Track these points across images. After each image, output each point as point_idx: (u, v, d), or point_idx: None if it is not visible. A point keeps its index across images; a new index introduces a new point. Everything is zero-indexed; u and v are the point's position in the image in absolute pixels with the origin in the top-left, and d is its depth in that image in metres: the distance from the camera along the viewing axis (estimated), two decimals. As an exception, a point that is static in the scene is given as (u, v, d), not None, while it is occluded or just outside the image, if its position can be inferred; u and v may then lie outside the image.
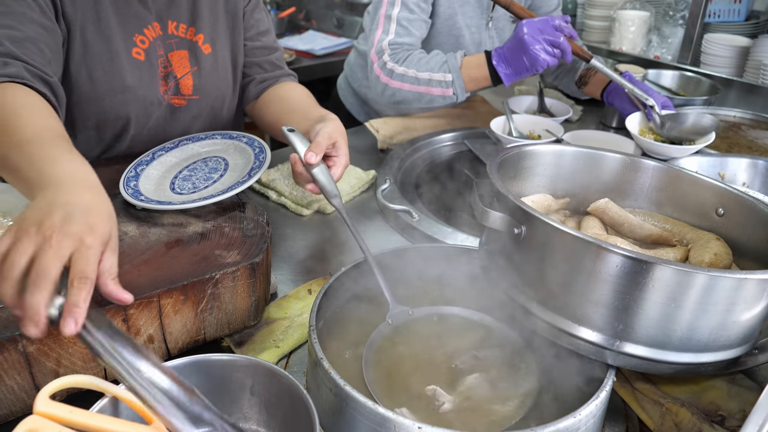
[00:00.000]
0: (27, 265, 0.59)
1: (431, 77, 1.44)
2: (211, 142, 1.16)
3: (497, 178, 0.80)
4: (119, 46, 1.09)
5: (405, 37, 1.50)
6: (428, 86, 1.45)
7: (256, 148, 1.10)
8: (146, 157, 1.10)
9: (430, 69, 1.44)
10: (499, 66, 1.39)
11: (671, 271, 0.64)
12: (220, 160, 1.11)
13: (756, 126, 1.65)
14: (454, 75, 1.42)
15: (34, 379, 0.70)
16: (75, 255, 0.60)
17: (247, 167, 1.05)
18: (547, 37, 1.32)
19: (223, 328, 0.84)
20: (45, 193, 0.66)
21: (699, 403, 0.76)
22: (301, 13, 3.53)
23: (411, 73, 1.45)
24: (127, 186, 0.99)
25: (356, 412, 0.65)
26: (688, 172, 0.93)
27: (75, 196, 0.66)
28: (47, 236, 0.60)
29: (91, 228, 0.63)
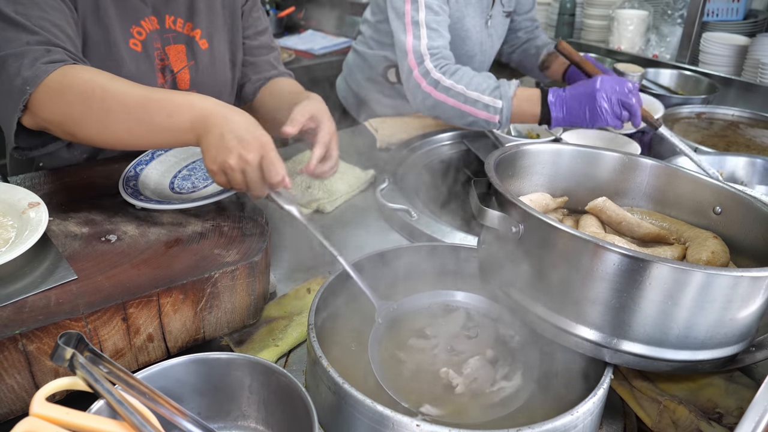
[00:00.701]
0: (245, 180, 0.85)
1: (479, 99, 1.38)
2: None
3: (495, 177, 0.80)
4: (117, 35, 1.10)
5: (438, 39, 1.45)
6: (474, 107, 1.39)
7: None
8: (145, 157, 1.10)
9: (480, 90, 1.38)
10: (555, 108, 1.33)
11: (668, 269, 0.64)
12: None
13: (754, 125, 1.65)
14: (504, 103, 1.37)
15: (34, 378, 0.70)
16: (263, 163, 0.84)
17: None
18: (621, 98, 1.27)
19: (223, 327, 0.84)
20: (209, 133, 0.84)
21: (697, 401, 0.76)
22: (300, 13, 3.53)
23: (459, 89, 1.39)
24: (126, 185, 0.99)
25: (355, 410, 0.65)
26: (686, 170, 0.93)
27: (232, 123, 0.84)
28: (245, 160, 0.83)
29: (259, 138, 0.84)
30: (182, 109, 0.86)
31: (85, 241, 0.85)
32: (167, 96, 0.87)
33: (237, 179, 0.85)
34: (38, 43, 0.92)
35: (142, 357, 0.78)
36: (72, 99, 0.88)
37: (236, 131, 0.83)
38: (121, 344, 0.75)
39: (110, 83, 0.88)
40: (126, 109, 0.86)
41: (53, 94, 0.89)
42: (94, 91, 0.87)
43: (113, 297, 0.73)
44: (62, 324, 0.69)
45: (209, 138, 0.84)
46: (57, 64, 0.90)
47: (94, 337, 0.72)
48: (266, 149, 0.84)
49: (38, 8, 0.96)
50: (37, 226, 0.82)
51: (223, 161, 0.83)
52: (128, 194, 0.96)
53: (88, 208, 0.93)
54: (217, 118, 0.84)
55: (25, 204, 0.87)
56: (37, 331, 0.68)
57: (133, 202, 0.94)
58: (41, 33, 0.93)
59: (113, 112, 0.86)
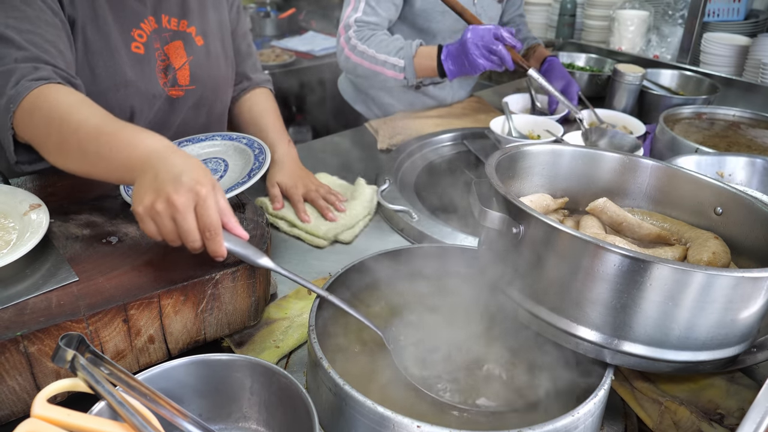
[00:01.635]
0: (176, 228, 0.75)
1: (386, 60, 1.59)
2: (210, 143, 1.16)
3: (496, 178, 0.80)
4: (118, 41, 1.10)
5: (371, 16, 1.63)
6: (383, 67, 1.60)
7: (256, 149, 1.10)
8: None
9: (387, 52, 1.58)
10: (446, 62, 1.52)
11: (669, 270, 0.64)
12: (220, 161, 1.11)
13: (755, 125, 1.65)
14: (406, 62, 1.57)
15: (36, 379, 0.70)
16: (198, 210, 0.74)
17: (246, 168, 1.05)
18: (487, 45, 1.46)
19: (223, 329, 0.84)
20: (145, 173, 0.77)
21: (698, 402, 0.76)
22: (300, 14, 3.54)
23: (370, 52, 1.60)
24: (127, 188, 0.99)
25: (356, 412, 0.65)
26: (687, 171, 0.93)
27: (169, 164, 0.76)
28: (173, 204, 0.73)
29: (197, 182, 0.74)
30: (126, 145, 0.80)
31: (86, 243, 0.85)
32: (119, 130, 0.82)
33: (166, 227, 0.75)
34: (26, 60, 0.92)
35: (143, 358, 0.78)
36: (37, 122, 0.88)
37: (170, 172, 0.74)
38: (122, 346, 0.75)
39: (72, 111, 0.86)
40: (78, 140, 0.83)
41: (25, 116, 0.89)
42: (53, 119, 0.86)
43: (114, 298, 0.73)
44: (63, 325, 0.69)
45: (142, 179, 0.76)
46: (40, 82, 0.89)
47: (95, 339, 0.72)
48: (201, 192, 0.73)
49: (29, 23, 0.96)
50: (38, 227, 0.82)
51: (150, 205, 0.74)
52: (129, 196, 0.96)
53: (89, 210, 0.93)
54: (156, 159, 0.77)
55: (27, 206, 0.87)
56: (38, 333, 0.68)
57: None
58: (30, 49, 0.93)
59: (67, 141, 0.84)
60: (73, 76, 0.98)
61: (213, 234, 0.75)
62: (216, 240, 0.75)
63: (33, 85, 0.89)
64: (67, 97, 0.89)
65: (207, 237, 0.75)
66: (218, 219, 0.75)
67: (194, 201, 0.74)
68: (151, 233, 0.77)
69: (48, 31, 0.98)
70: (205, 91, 1.28)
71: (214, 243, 0.75)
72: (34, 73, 0.90)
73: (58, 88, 0.90)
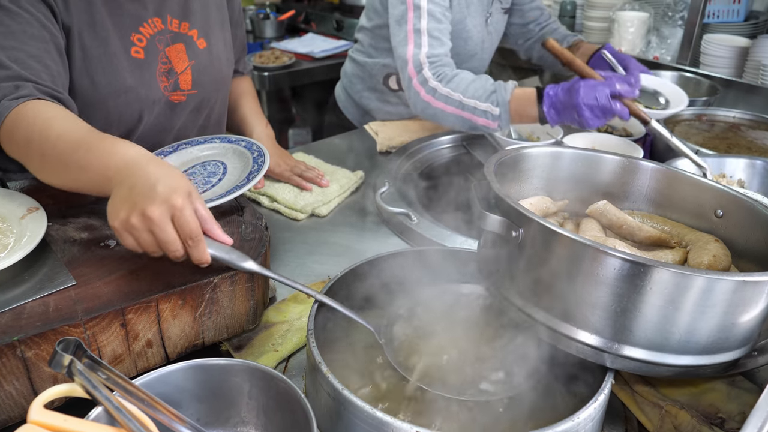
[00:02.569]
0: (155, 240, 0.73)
1: (477, 106, 1.38)
2: (209, 146, 1.16)
3: (495, 181, 0.80)
4: (117, 47, 1.09)
5: (439, 48, 1.45)
6: (473, 114, 1.39)
7: (255, 152, 1.10)
8: None
9: (477, 97, 1.38)
10: (550, 112, 1.34)
11: (669, 274, 0.64)
12: (219, 164, 1.11)
13: (756, 126, 1.64)
14: (501, 110, 1.37)
15: (33, 384, 0.70)
16: (175, 220, 0.72)
17: (245, 171, 1.05)
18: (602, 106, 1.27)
19: (222, 333, 0.84)
20: (121, 185, 0.75)
21: (698, 406, 0.76)
22: (300, 16, 3.53)
23: (456, 96, 1.39)
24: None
25: (354, 417, 0.65)
26: (687, 173, 0.92)
27: (144, 175, 0.74)
28: (148, 217, 0.71)
29: (173, 191, 0.72)
30: (103, 155, 0.79)
31: (84, 247, 0.85)
32: (97, 141, 0.82)
33: (145, 240, 0.73)
34: (8, 79, 0.91)
35: (141, 363, 0.77)
36: (18, 141, 0.88)
37: (145, 184, 0.73)
38: (120, 350, 0.75)
39: (51, 125, 0.85)
40: (57, 153, 0.83)
41: (7, 135, 0.88)
42: (33, 135, 0.85)
43: (112, 303, 0.73)
44: (61, 330, 0.69)
45: (118, 190, 0.75)
46: (20, 100, 0.88)
47: (93, 343, 0.72)
48: (176, 202, 0.72)
49: (14, 38, 0.95)
50: (36, 231, 0.82)
51: (125, 219, 0.73)
52: None
53: (87, 213, 0.93)
54: (132, 169, 0.75)
55: (24, 209, 0.87)
56: (35, 338, 0.68)
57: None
58: (12, 67, 0.92)
59: (47, 156, 0.84)
60: (58, 91, 0.96)
61: (195, 242, 0.74)
62: (198, 248, 0.74)
63: (13, 105, 0.88)
64: (45, 113, 0.87)
65: (189, 245, 0.74)
66: (198, 226, 0.74)
67: (170, 212, 0.72)
68: (131, 246, 0.75)
69: (33, 45, 0.96)
70: (206, 95, 1.27)
71: (197, 251, 0.74)
72: (15, 92, 0.89)
73: (38, 103, 0.89)
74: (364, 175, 1.42)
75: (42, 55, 0.97)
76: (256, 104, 1.44)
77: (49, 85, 0.95)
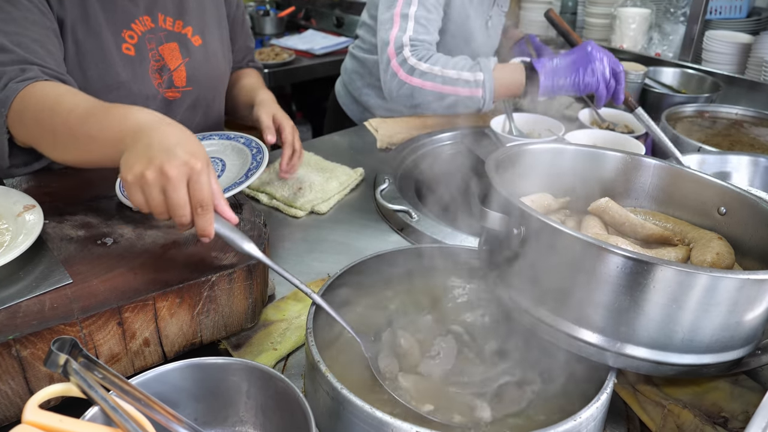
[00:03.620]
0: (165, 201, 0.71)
1: (459, 76, 1.37)
2: (208, 143, 1.15)
3: (496, 178, 0.79)
4: (109, 42, 1.09)
5: (424, 34, 1.44)
6: (455, 86, 1.38)
7: (254, 149, 1.09)
8: None
9: (459, 68, 1.38)
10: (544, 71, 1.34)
11: (673, 272, 0.63)
12: (218, 161, 1.10)
13: (758, 123, 1.63)
14: (486, 75, 1.35)
15: (29, 383, 0.69)
16: (191, 184, 0.71)
17: (244, 168, 1.04)
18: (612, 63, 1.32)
19: (220, 331, 0.83)
20: (137, 143, 0.73)
21: (701, 405, 0.75)
22: (300, 13, 3.52)
23: (437, 70, 1.37)
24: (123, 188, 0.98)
25: (353, 416, 0.64)
26: (690, 170, 0.92)
27: (162, 134, 0.72)
28: (165, 174, 0.69)
29: (192, 155, 0.71)
30: (116, 120, 0.78)
31: (80, 245, 0.84)
32: (108, 108, 0.81)
33: (155, 198, 0.71)
34: (13, 63, 0.92)
35: (138, 362, 0.77)
36: (28, 121, 0.88)
37: (164, 143, 0.71)
38: (117, 349, 0.74)
39: (60, 101, 0.85)
40: (69, 127, 0.82)
41: (17, 117, 0.89)
42: (43, 112, 0.85)
43: (108, 301, 0.72)
44: (56, 329, 0.68)
45: (133, 147, 0.73)
46: (26, 82, 0.89)
47: (90, 342, 0.71)
48: (196, 166, 0.71)
49: (16, 24, 0.96)
50: (33, 229, 0.81)
51: (140, 173, 0.70)
52: (124, 197, 0.95)
53: (84, 211, 0.92)
54: (148, 129, 0.74)
55: (21, 207, 0.86)
56: (31, 337, 0.67)
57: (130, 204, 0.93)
58: (17, 51, 0.93)
59: (59, 132, 0.84)
60: (63, 74, 0.97)
61: (204, 210, 0.72)
62: (206, 217, 0.72)
63: (20, 87, 0.88)
64: (54, 90, 0.88)
65: (198, 213, 0.72)
66: (211, 195, 0.72)
67: (187, 174, 0.70)
68: (139, 203, 0.73)
69: (35, 30, 0.97)
70: (202, 92, 1.27)
71: (204, 220, 0.72)
72: (22, 75, 0.90)
73: (45, 84, 0.90)
74: (364, 172, 1.41)
75: (44, 40, 0.98)
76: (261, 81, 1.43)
77: (54, 68, 0.96)
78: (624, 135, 1.49)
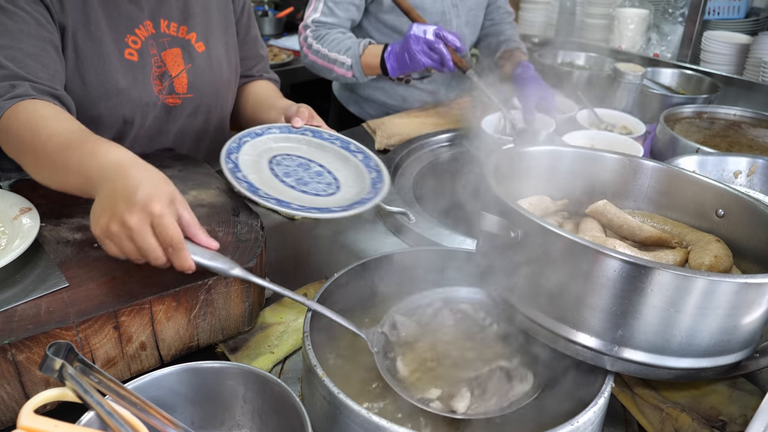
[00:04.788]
0: (135, 247, 0.72)
1: (336, 58, 1.66)
2: (284, 137, 1.14)
3: (493, 180, 0.79)
4: (110, 48, 1.08)
5: (329, 17, 1.68)
6: (333, 65, 1.67)
7: (358, 153, 1.11)
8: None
9: (338, 50, 1.65)
10: (389, 59, 1.58)
11: (671, 276, 0.63)
12: (326, 173, 1.09)
13: (756, 124, 1.63)
14: (353, 60, 1.63)
15: (24, 388, 0.69)
16: (154, 228, 0.71)
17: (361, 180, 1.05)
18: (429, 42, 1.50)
19: (217, 334, 0.83)
20: (101, 188, 0.74)
21: (699, 408, 0.75)
22: (299, 13, 3.51)
23: (323, 51, 1.67)
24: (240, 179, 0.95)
25: (350, 421, 0.64)
26: (688, 172, 0.91)
27: (126, 179, 0.73)
28: (126, 225, 0.70)
29: (152, 197, 0.71)
30: (88, 156, 0.78)
31: (77, 248, 0.84)
32: (85, 142, 0.81)
33: (126, 247, 0.72)
34: (4, 78, 0.91)
35: (135, 365, 0.76)
36: (12, 141, 0.88)
37: (125, 189, 0.71)
38: (113, 353, 0.74)
39: (44, 125, 0.85)
40: (47, 153, 0.83)
41: (3, 134, 0.89)
42: (25, 134, 0.86)
43: (105, 305, 0.72)
44: (52, 333, 0.68)
45: (99, 194, 0.75)
46: (15, 100, 0.88)
47: (86, 346, 0.71)
48: (155, 210, 0.70)
49: (10, 37, 0.95)
50: (29, 232, 0.81)
51: (105, 226, 0.72)
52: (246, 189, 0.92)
53: (81, 214, 0.92)
54: (114, 172, 0.74)
55: (17, 210, 0.86)
56: (26, 341, 0.67)
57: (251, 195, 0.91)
58: (8, 66, 0.92)
59: (39, 156, 0.84)
60: (56, 88, 0.96)
61: (176, 249, 0.72)
62: (180, 255, 0.72)
63: (7, 105, 0.88)
64: (38, 112, 0.87)
65: (170, 252, 0.72)
66: (178, 234, 0.72)
67: (149, 219, 0.71)
68: (113, 253, 0.74)
69: (30, 44, 0.96)
70: (204, 99, 1.26)
71: (179, 258, 0.73)
72: (11, 92, 0.90)
73: (32, 103, 0.89)
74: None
75: (39, 53, 0.97)
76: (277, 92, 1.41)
77: (47, 84, 0.95)
78: (622, 136, 1.49)
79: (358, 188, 1.05)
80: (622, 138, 1.47)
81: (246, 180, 0.95)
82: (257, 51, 1.42)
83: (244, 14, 1.36)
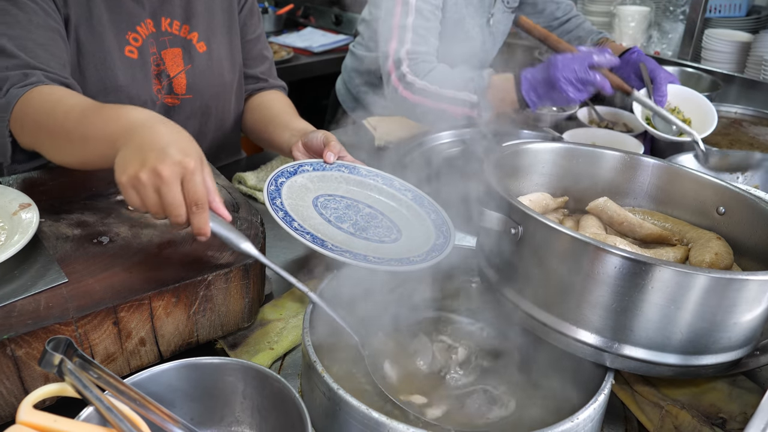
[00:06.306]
0: (160, 201, 0.71)
1: (455, 96, 1.38)
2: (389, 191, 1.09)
3: (493, 177, 0.79)
4: (112, 44, 1.08)
5: (422, 45, 1.44)
6: (451, 104, 1.39)
7: (431, 210, 1.06)
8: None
9: (455, 86, 1.38)
10: (529, 94, 1.33)
11: (671, 273, 0.63)
12: (386, 220, 1.03)
13: (757, 122, 1.63)
14: (480, 96, 1.36)
15: (24, 383, 0.68)
16: (185, 183, 0.70)
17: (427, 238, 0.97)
18: (581, 78, 1.26)
19: (217, 330, 0.82)
20: (129, 143, 0.73)
21: (699, 405, 0.75)
22: (299, 10, 3.51)
23: (432, 89, 1.39)
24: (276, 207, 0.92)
25: (349, 416, 0.64)
26: (689, 169, 0.91)
27: (155, 134, 0.72)
28: (158, 174, 0.69)
29: (185, 153, 0.70)
30: (109, 120, 0.78)
31: (76, 243, 0.84)
32: (102, 108, 0.81)
33: (150, 198, 0.71)
34: (17, 68, 0.92)
35: (134, 361, 0.76)
36: (29, 126, 0.89)
37: (157, 142, 0.71)
38: (113, 348, 0.73)
39: (57, 104, 0.86)
40: (65, 129, 0.83)
41: (17, 121, 0.90)
42: (42, 115, 0.86)
43: (104, 300, 0.72)
44: (52, 328, 0.68)
45: (126, 148, 0.73)
46: (28, 87, 0.89)
47: (85, 342, 0.71)
48: (189, 165, 0.70)
49: (20, 28, 0.96)
50: (28, 227, 0.81)
51: (134, 174, 0.70)
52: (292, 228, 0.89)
53: (80, 209, 0.92)
54: (140, 128, 0.73)
55: (16, 205, 0.86)
56: (25, 336, 0.66)
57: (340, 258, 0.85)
58: (20, 56, 0.93)
59: (56, 134, 0.84)
60: (66, 77, 0.97)
61: (200, 208, 0.71)
62: (202, 216, 0.72)
63: (21, 92, 0.89)
64: (53, 94, 0.88)
65: (193, 211, 0.71)
66: (206, 193, 0.71)
67: (181, 174, 0.70)
68: (134, 204, 0.73)
69: (40, 34, 0.97)
70: (203, 100, 1.25)
71: (200, 218, 0.72)
72: (24, 80, 0.91)
73: (46, 88, 0.90)
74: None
75: (49, 43, 0.98)
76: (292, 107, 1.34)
77: (58, 72, 0.96)
78: (623, 134, 1.49)
79: (421, 229, 0.99)
80: (622, 135, 1.46)
81: (305, 230, 0.90)
82: (263, 53, 1.38)
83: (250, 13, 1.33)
